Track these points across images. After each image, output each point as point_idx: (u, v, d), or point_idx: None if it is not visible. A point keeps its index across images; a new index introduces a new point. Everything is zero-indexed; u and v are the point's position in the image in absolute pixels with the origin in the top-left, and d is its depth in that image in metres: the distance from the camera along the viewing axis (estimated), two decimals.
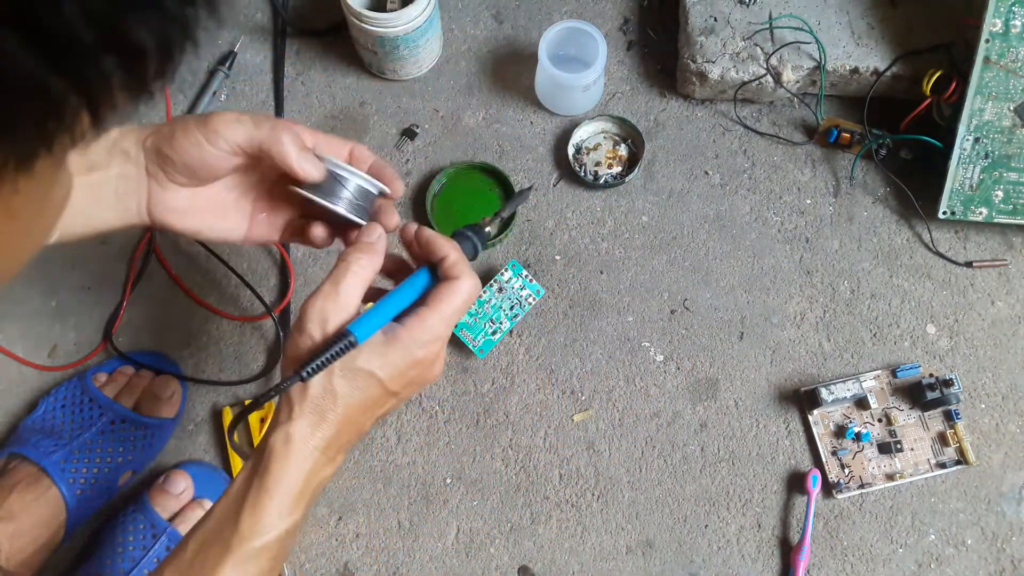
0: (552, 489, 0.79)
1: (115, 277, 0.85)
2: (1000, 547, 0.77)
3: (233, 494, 0.52)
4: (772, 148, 0.88)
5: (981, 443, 0.79)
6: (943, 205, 0.82)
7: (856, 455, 0.78)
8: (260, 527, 0.50)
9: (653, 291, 0.84)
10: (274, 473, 0.50)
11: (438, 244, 0.55)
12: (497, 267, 0.84)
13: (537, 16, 0.93)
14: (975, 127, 0.79)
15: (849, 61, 0.83)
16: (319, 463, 0.52)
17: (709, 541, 0.78)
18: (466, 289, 0.54)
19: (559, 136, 0.89)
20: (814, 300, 0.84)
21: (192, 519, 0.74)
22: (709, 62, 0.84)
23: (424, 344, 0.53)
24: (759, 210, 0.86)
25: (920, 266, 0.84)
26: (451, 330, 0.55)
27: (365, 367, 0.52)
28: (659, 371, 0.82)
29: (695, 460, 0.80)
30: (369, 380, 0.52)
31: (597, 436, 0.80)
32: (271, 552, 0.51)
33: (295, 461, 0.51)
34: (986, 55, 0.77)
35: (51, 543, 0.72)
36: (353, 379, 0.52)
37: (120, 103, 0.24)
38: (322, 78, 0.91)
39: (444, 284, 0.54)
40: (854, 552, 0.77)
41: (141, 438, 0.77)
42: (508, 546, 0.78)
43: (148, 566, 0.71)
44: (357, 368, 0.52)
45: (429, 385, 0.56)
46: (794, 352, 0.82)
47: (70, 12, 0.21)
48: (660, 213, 0.86)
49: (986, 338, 0.82)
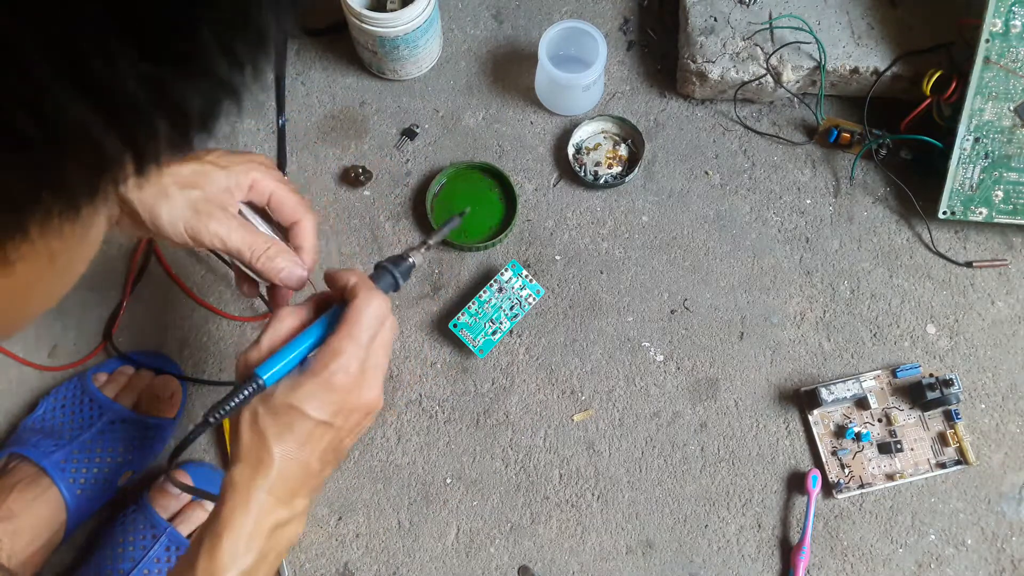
0: (552, 489, 0.79)
1: (115, 277, 0.85)
2: (1000, 547, 0.77)
3: (194, 539, 0.54)
4: (772, 148, 0.88)
5: (981, 443, 0.79)
6: (943, 205, 0.82)
7: (856, 455, 0.78)
8: (215, 569, 0.51)
9: (653, 291, 0.84)
10: (223, 517, 0.52)
11: (341, 275, 0.57)
12: (497, 267, 0.84)
13: (537, 16, 0.93)
14: (975, 127, 0.79)
15: (849, 61, 0.83)
16: (268, 505, 0.53)
17: (709, 541, 0.78)
18: (365, 307, 0.54)
19: (559, 136, 0.89)
20: (814, 300, 0.84)
21: (191, 519, 0.74)
22: (709, 62, 0.84)
23: (339, 369, 0.53)
24: (759, 210, 0.86)
25: (920, 266, 0.84)
26: (371, 351, 0.55)
27: (284, 402, 0.53)
28: (659, 371, 0.82)
29: (695, 460, 0.80)
30: (292, 414, 0.53)
31: (597, 436, 0.80)
32: None
33: (240, 504, 0.52)
34: (986, 55, 0.77)
35: (51, 543, 0.72)
36: (276, 416, 0.53)
37: (164, 156, 0.25)
38: (322, 78, 0.91)
39: (347, 307, 0.55)
40: (854, 552, 0.77)
41: (141, 438, 0.77)
42: (508, 546, 0.78)
43: (148, 566, 0.71)
44: (277, 405, 0.53)
45: (376, 413, 0.57)
46: (794, 352, 0.82)
47: (125, 73, 0.21)
48: (660, 213, 0.86)
49: (986, 338, 0.82)
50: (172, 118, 0.24)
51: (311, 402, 0.53)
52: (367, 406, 0.56)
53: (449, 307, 0.84)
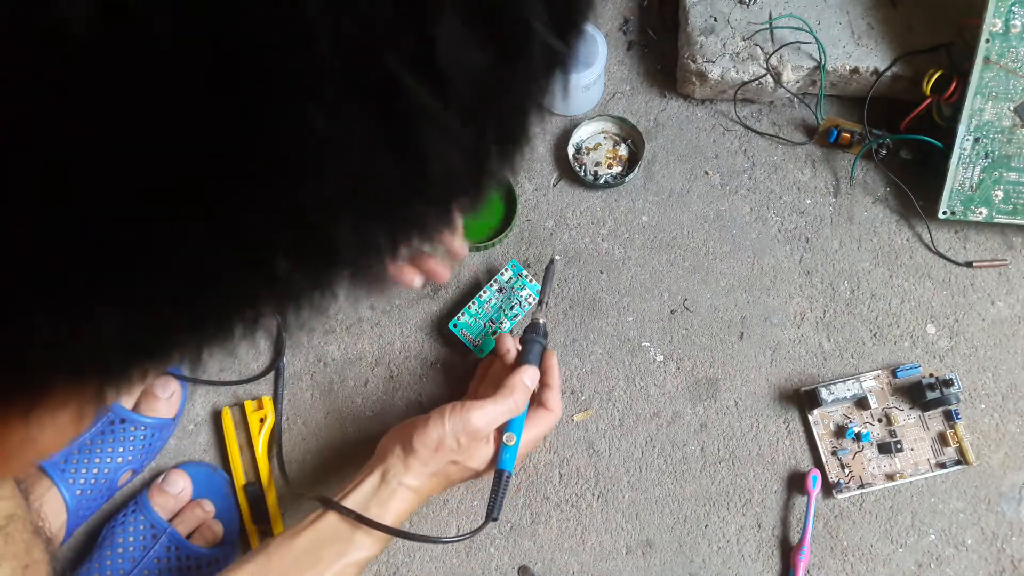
0: (552, 489, 0.79)
1: None
2: (1000, 547, 0.77)
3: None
4: (772, 148, 0.88)
5: (981, 443, 0.79)
6: (943, 205, 0.82)
7: (856, 455, 0.78)
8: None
9: (653, 291, 0.84)
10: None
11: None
12: (497, 267, 0.84)
13: None
14: (975, 127, 0.79)
15: (849, 61, 0.83)
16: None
17: (709, 541, 0.78)
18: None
19: (559, 136, 0.89)
20: (814, 300, 0.83)
21: (191, 519, 0.74)
22: (709, 62, 0.84)
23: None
24: (759, 210, 0.86)
25: (920, 266, 0.84)
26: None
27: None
28: (659, 371, 0.82)
29: (695, 460, 0.80)
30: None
31: (597, 436, 0.80)
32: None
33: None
34: (986, 55, 0.77)
35: (51, 543, 0.72)
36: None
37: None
38: None
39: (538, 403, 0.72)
40: (854, 552, 0.77)
41: (141, 438, 0.77)
42: (508, 546, 0.78)
43: (148, 566, 0.71)
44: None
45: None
46: (794, 352, 0.82)
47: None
48: (660, 213, 0.86)
49: (986, 338, 0.82)
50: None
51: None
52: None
53: (449, 307, 0.84)
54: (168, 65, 0.15)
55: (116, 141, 0.16)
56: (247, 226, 0.18)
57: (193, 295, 0.19)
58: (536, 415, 0.70)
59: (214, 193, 0.17)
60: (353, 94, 0.17)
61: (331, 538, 0.62)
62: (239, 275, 0.19)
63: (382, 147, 0.18)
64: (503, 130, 0.21)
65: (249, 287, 0.20)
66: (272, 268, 0.19)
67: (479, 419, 0.66)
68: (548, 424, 0.71)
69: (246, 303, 0.21)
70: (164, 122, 0.16)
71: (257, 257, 0.19)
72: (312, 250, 0.20)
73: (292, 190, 0.18)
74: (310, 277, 0.21)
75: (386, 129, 0.18)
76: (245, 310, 0.21)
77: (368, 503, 0.64)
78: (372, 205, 0.20)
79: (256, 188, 0.17)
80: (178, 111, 0.16)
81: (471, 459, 0.67)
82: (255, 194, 0.18)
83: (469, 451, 0.67)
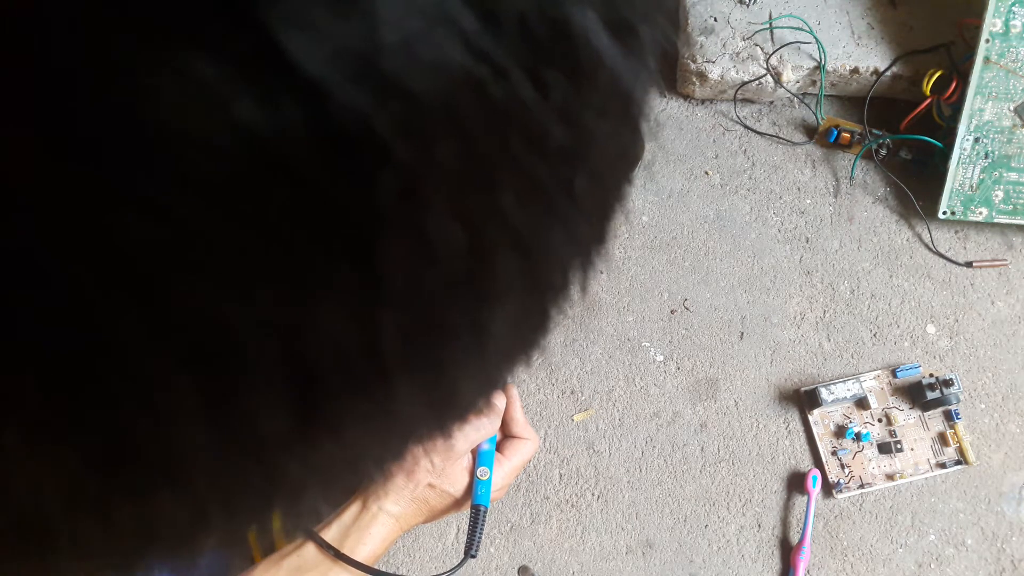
0: (552, 489, 0.79)
1: None
2: (1000, 547, 0.77)
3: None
4: (772, 148, 0.88)
5: (981, 443, 0.79)
6: (943, 205, 0.82)
7: (856, 455, 0.78)
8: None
9: (653, 291, 0.84)
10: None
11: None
12: None
13: None
14: (975, 127, 0.79)
15: (849, 61, 0.83)
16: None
17: (709, 541, 0.78)
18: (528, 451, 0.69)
19: None
20: (814, 300, 0.84)
21: None
22: (709, 62, 0.84)
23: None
24: (759, 210, 0.86)
25: (920, 266, 0.84)
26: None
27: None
28: (659, 371, 0.82)
29: (695, 460, 0.80)
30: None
31: (597, 436, 0.80)
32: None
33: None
34: (986, 55, 0.77)
35: None
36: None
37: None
38: None
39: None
40: (854, 552, 0.77)
41: None
42: (508, 546, 0.78)
43: None
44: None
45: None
46: (794, 352, 0.82)
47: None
48: (660, 213, 0.86)
49: (986, 338, 0.82)
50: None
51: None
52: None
53: None
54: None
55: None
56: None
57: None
58: (512, 445, 0.69)
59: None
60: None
61: (311, 567, 0.62)
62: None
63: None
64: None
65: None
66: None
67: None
68: (528, 451, 0.69)
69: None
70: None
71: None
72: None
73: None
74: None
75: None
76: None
77: (348, 530, 0.64)
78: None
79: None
80: None
81: (448, 483, 0.66)
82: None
83: (445, 473, 0.66)
